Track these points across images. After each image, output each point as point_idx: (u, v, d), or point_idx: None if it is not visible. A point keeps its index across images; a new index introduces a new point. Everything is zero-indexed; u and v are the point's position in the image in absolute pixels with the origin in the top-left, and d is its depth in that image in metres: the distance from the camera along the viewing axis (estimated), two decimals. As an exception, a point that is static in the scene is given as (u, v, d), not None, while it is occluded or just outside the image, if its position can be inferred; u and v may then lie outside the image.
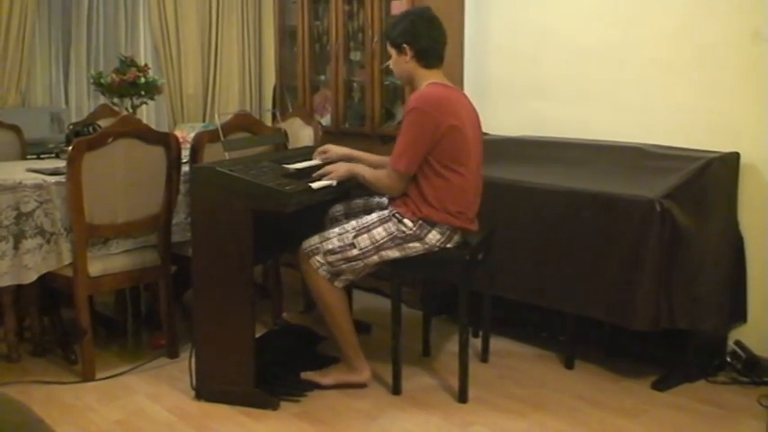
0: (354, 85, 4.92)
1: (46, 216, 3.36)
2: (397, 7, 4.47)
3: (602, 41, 4.06)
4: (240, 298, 3.15)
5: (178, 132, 4.50)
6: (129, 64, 4.56)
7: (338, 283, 3.24)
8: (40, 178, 3.42)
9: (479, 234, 3.35)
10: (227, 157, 3.37)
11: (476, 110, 3.36)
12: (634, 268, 3.26)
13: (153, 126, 4.47)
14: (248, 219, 3.07)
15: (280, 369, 3.43)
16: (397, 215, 3.18)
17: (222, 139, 3.45)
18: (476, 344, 3.77)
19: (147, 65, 4.71)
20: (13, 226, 3.31)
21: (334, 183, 3.26)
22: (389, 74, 4.57)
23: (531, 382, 3.49)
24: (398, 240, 3.18)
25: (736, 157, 3.52)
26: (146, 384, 3.45)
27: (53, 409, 3.18)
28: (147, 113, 5.89)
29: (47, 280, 3.46)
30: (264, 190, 3.01)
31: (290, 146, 4.12)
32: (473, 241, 3.31)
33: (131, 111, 4.53)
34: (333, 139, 4.52)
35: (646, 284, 3.22)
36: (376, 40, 4.52)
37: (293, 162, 3.42)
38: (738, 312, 3.56)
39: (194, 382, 3.29)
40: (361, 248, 3.17)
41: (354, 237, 3.19)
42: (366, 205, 3.54)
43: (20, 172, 3.57)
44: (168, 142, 3.62)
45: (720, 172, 3.46)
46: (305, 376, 3.37)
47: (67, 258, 3.40)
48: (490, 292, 3.67)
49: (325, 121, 4.96)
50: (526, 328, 3.97)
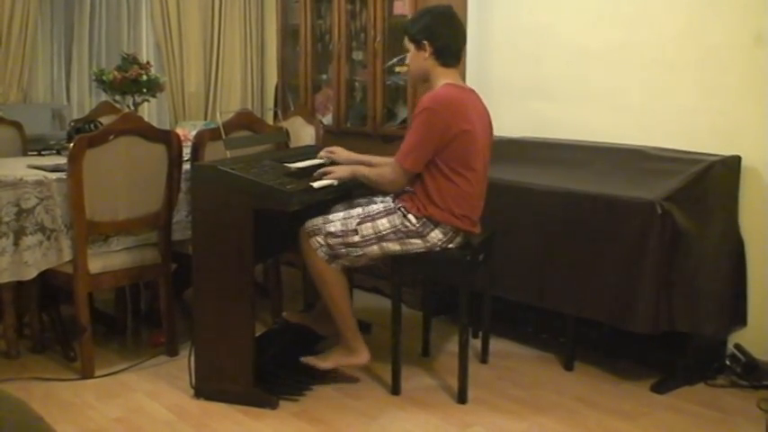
0: (356, 84, 4.91)
1: (46, 213, 3.37)
2: (400, 7, 4.48)
3: (604, 43, 4.05)
4: (240, 297, 3.15)
5: (179, 130, 4.49)
6: (131, 61, 4.57)
7: (335, 266, 3.24)
8: (41, 175, 3.42)
9: (481, 235, 3.35)
10: (228, 155, 3.38)
11: (488, 112, 3.35)
12: (634, 270, 3.26)
13: (154, 124, 4.47)
14: (249, 217, 3.06)
15: (279, 368, 3.42)
16: (403, 209, 3.18)
17: (224, 137, 3.45)
18: (475, 344, 3.77)
19: (149, 62, 4.72)
20: (14, 222, 3.32)
21: (335, 182, 3.26)
22: (392, 73, 4.58)
23: (531, 383, 3.49)
24: (401, 234, 3.18)
25: (737, 160, 3.52)
26: (145, 382, 3.45)
27: (52, 406, 3.18)
28: (149, 111, 5.89)
29: (47, 277, 3.46)
30: (266, 189, 3.01)
31: (292, 145, 4.11)
32: (474, 242, 3.30)
33: (133, 108, 4.53)
34: (334, 138, 4.52)
35: (646, 287, 3.22)
36: (378, 39, 4.51)
37: (295, 161, 3.42)
38: (738, 316, 3.56)
39: (193, 380, 3.29)
40: (363, 236, 3.17)
41: (358, 223, 3.18)
42: (368, 204, 3.52)
43: (21, 168, 3.57)
44: (170, 140, 3.62)
45: (722, 175, 3.46)
46: (304, 360, 3.35)
47: (68, 255, 3.40)
48: (490, 292, 3.67)
49: (327, 120, 4.95)
50: (526, 329, 3.97)
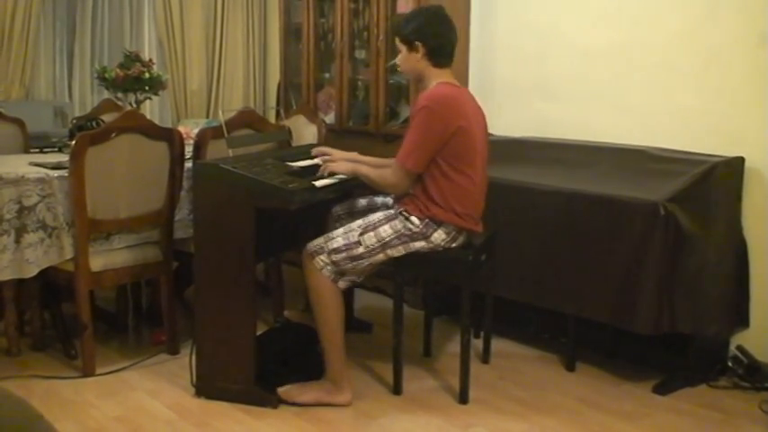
0: (359, 83, 4.91)
1: (48, 210, 3.36)
2: (403, 6, 4.47)
3: (607, 43, 4.05)
4: (241, 295, 3.15)
5: (182, 128, 4.48)
6: (133, 59, 4.57)
7: (341, 284, 3.20)
8: (42, 172, 3.42)
9: (483, 235, 3.34)
10: (230, 153, 3.37)
11: (482, 111, 3.35)
12: (637, 271, 3.25)
13: (156, 122, 4.46)
14: (251, 216, 3.06)
15: (280, 367, 3.41)
16: (404, 213, 3.17)
17: (226, 135, 3.45)
18: (477, 345, 3.77)
19: (151, 60, 4.70)
20: (15, 220, 3.31)
21: (336, 180, 3.25)
22: (394, 72, 4.56)
23: (532, 383, 3.48)
24: (405, 238, 3.16)
25: (740, 161, 3.51)
26: (146, 380, 3.45)
27: (53, 403, 3.18)
28: (151, 109, 5.89)
29: (48, 274, 3.46)
30: (268, 187, 3.00)
31: (294, 143, 4.11)
32: (476, 242, 3.30)
33: (135, 106, 4.53)
34: (336, 137, 4.52)
35: (648, 288, 3.22)
36: (381, 38, 4.51)
37: (297, 160, 3.41)
38: (741, 317, 3.55)
39: (194, 378, 3.28)
40: (367, 246, 3.14)
41: (360, 234, 3.15)
42: (370, 204, 3.53)
43: (23, 166, 3.56)
44: (172, 138, 3.61)
45: (725, 176, 3.45)
46: (282, 394, 3.18)
47: (69, 253, 3.40)
48: (492, 293, 3.66)
49: (329, 119, 4.95)
50: (528, 329, 3.96)
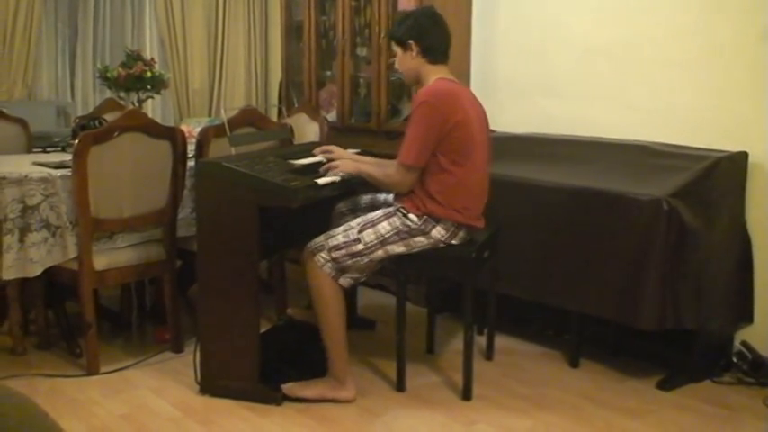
0: (360, 80, 4.90)
1: (51, 210, 3.36)
2: (404, 3, 4.46)
3: (609, 39, 4.04)
4: (245, 293, 3.15)
5: (184, 127, 4.49)
6: (135, 58, 4.57)
7: (342, 281, 3.20)
8: (45, 172, 3.42)
9: (485, 232, 3.34)
10: (232, 152, 3.37)
11: (482, 106, 3.35)
12: (640, 267, 3.24)
13: (159, 120, 4.46)
14: (254, 214, 3.06)
15: (284, 364, 3.41)
16: (402, 210, 3.17)
17: (228, 134, 3.45)
18: (480, 342, 3.76)
19: (153, 59, 4.71)
20: (19, 219, 3.32)
21: (338, 178, 3.24)
22: (396, 70, 4.56)
23: (536, 380, 3.48)
24: (404, 234, 3.16)
25: (744, 156, 3.51)
26: (150, 378, 3.45)
27: (57, 402, 3.18)
28: (153, 108, 5.90)
29: (52, 273, 3.46)
30: (270, 185, 3.00)
31: (296, 141, 4.11)
32: (479, 239, 3.29)
33: (137, 105, 4.53)
34: (338, 134, 4.52)
35: (652, 283, 3.21)
36: (383, 35, 4.50)
37: (299, 158, 3.41)
38: (745, 313, 3.55)
39: (198, 376, 3.29)
40: (366, 243, 3.15)
41: (359, 232, 3.16)
42: (373, 202, 3.53)
43: (26, 165, 3.56)
44: (174, 137, 3.61)
45: (728, 171, 3.45)
46: (286, 390, 3.20)
47: (73, 252, 3.40)
48: (495, 289, 3.66)
49: (331, 116, 4.95)
50: (531, 326, 3.96)
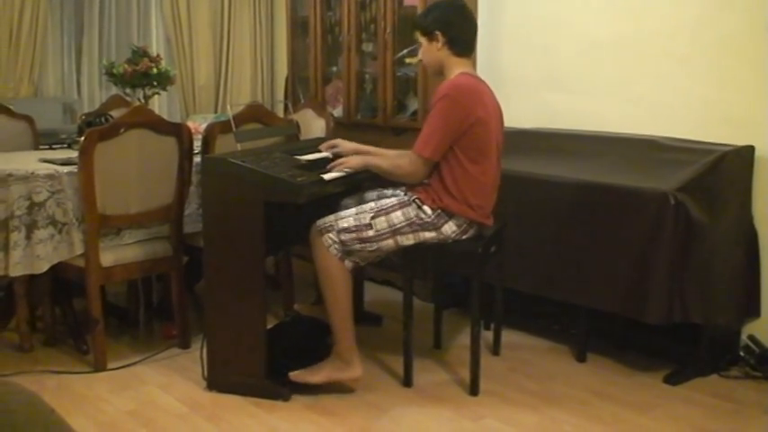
0: (366, 76, 4.89)
1: (58, 206, 3.37)
2: (410, -1, 4.45)
3: (616, 33, 4.03)
4: (252, 289, 3.15)
5: (190, 123, 4.50)
6: (141, 54, 4.56)
7: (348, 263, 3.18)
8: (52, 168, 3.43)
9: (492, 227, 3.33)
10: (238, 148, 3.37)
11: (499, 104, 3.34)
12: (647, 261, 3.24)
13: (165, 117, 4.47)
14: (260, 210, 3.06)
15: (291, 360, 3.41)
16: (417, 201, 3.16)
17: (234, 130, 3.45)
18: (487, 336, 3.76)
19: (159, 55, 4.70)
20: (26, 216, 3.32)
21: (344, 174, 3.23)
22: (402, 65, 4.56)
23: (543, 375, 3.48)
24: (415, 227, 3.15)
25: (750, 150, 3.49)
26: (157, 375, 3.46)
27: (65, 398, 3.19)
28: (159, 104, 5.90)
29: (59, 270, 3.47)
30: (276, 181, 3.00)
31: (302, 137, 4.11)
32: (486, 234, 3.29)
33: (143, 101, 4.53)
34: (345, 130, 4.51)
35: (659, 278, 3.21)
36: (388, 31, 4.49)
37: (305, 153, 3.41)
38: (752, 307, 3.54)
39: (206, 372, 3.30)
40: (378, 230, 3.14)
41: (372, 218, 3.15)
42: (379, 198, 3.51)
43: (32, 162, 3.57)
44: (180, 133, 3.62)
45: (735, 165, 3.44)
46: (293, 377, 3.20)
47: (79, 249, 3.40)
48: (502, 284, 3.66)
49: (337, 112, 4.94)
50: (538, 321, 3.96)
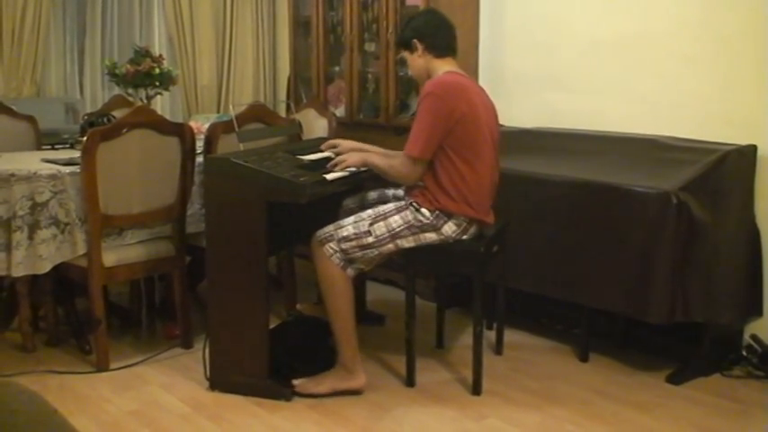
0: (369, 76, 4.90)
1: (60, 206, 3.37)
2: (412, -2, 4.46)
3: (618, 33, 4.02)
4: (254, 289, 3.15)
5: (192, 123, 4.49)
6: (143, 54, 4.57)
7: (350, 271, 3.19)
8: (54, 168, 3.43)
9: (494, 226, 3.33)
10: (241, 147, 3.38)
11: (491, 101, 3.34)
12: (649, 261, 3.23)
13: (167, 117, 4.47)
14: (262, 210, 3.06)
15: (294, 360, 3.42)
16: (415, 204, 3.17)
17: (236, 129, 3.45)
18: (490, 336, 3.76)
19: (161, 55, 4.71)
20: (28, 216, 3.33)
21: (347, 173, 3.24)
22: (404, 65, 4.55)
23: (546, 374, 3.48)
24: (415, 229, 3.16)
25: (753, 149, 3.49)
26: (160, 375, 3.46)
27: (67, 398, 3.20)
28: (162, 104, 5.90)
29: (61, 270, 3.47)
30: (279, 181, 3.00)
31: (305, 137, 4.11)
32: (488, 233, 3.29)
33: (146, 101, 4.53)
34: (347, 130, 4.51)
35: (661, 277, 3.20)
36: (391, 30, 4.49)
37: (307, 153, 3.41)
38: (754, 306, 3.53)
39: (208, 372, 3.30)
40: (377, 236, 3.14)
41: (370, 224, 3.16)
42: (381, 197, 3.52)
43: (35, 162, 3.58)
44: (183, 133, 3.62)
45: (737, 165, 3.43)
46: (298, 387, 3.21)
47: (82, 249, 3.41)
48: (504, 284, 3.65)
49: (340, 112, 4.94)
50: (541, 320, 3.96)
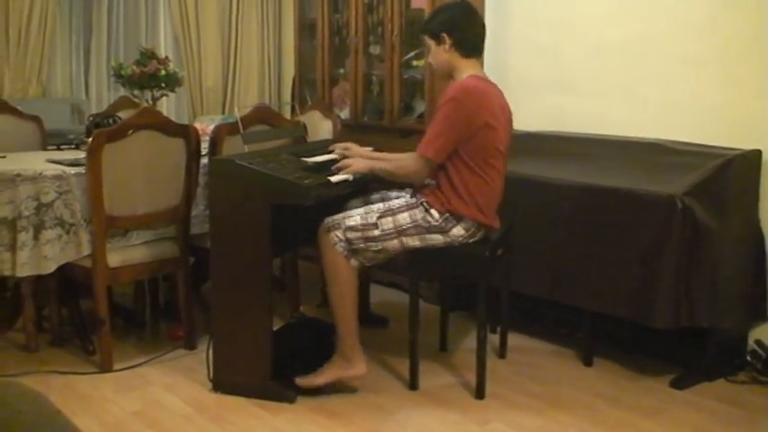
0: (373, 78, 4.90)
1: (65, 207, 3.38)
2: (417, 1, 4.45)
3: (623, 36, 4.02)
4: (258, 290, 3.15)
5: (198, 124, 4.49)
6: (149, 56, 4.57)
7: (354, 262, 3.17)
8: (60, 169, 3.43)
9: (499, 230, 3.33)
10: (246, 149, 3.37)
11: (509, 107, 3.32)
12: (654, 265, 3.23)
13: (173, 118, 4.47)
14: (267, 212, 3.06)
15: (297, 362, 3.41)
16: (425, 204, 3.16)
17: (241, 131, 3.45)
18: (494, 340, 3.75)
19: (167, 57, 4.71)
20: (33, 216, 3.33)
21: (351, 176, 3.24)
22: (409, 67, 4.56)
23: (549, 379, 3.47)
24: (421, 229, 3.15)
25: (758, 154, 3.48)
26: (163, 376, 3.46)
27: (71, 399, 3.20)
28: (167, 105, 5.90)
29: (66, 270, 3.47)
30: (283, 183, 3.00)
31: (309, 139, 4.11)
32: (492, 237, 3.28)
33: (151, 103, 4.54)
34: (351, 132, 4.51)
35: (666, 282, 3.19)
36: (396, 33, 4.49)
37: (312, 155, 3.41)
38: (759, 311, 3.52)
39: (211, 373, 3.30)
40: (383, 230, 3.14)
41: (378, 218, 3.15)
42: (384, 199, 3.51)
43: (40, 163, 3.58)
44: (188, 134, 3.62)
45: (742, 169, 3.42)
46: (300, 383, 3.21)
47: (87, 249, 3.41)
48: (508, 287, 3.65)
49: (344, 114, 4.94)
50: (544, 324, 3.95)
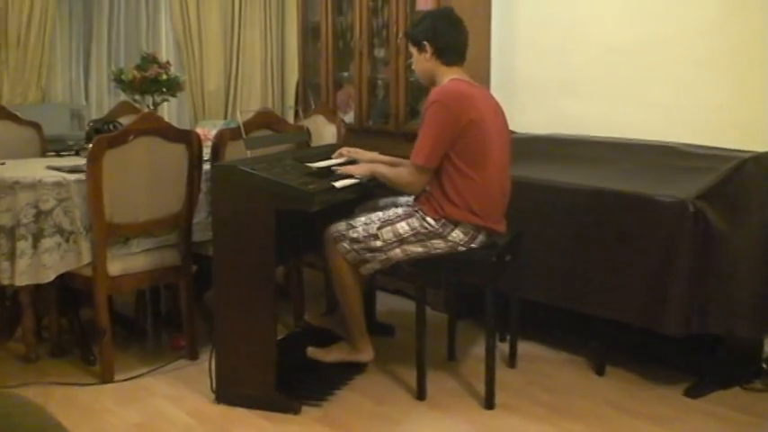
0: (378, 82, 4.87)
1: (65, 214, 3.34)
2: (423, 3, 4.42)
3: (631, 38, 3.98)
4: (262, 299, 3.10)
5: (200, 130, 4.45)
6: (150, 60, 4.55)
7: (363, 271, 3.27)
8: (59, 176, 3.39)
9: (507, 235, 3.29)
10: (249, 155, 3.34)
11: (501, 108, 3.31)
12: (666, 271, 3.18)
13: (174, 123, 4.44)
14: (270, 218, 3.02)
15: (301, 372, 3.38)
16: (421, 212, 3.17)
17: (244, 136, 3.42)
18: (503, 348, 3.70)
19: (168, 62, 4.69)
20: (32, 224, 3.29)
21: (356, 181, 3.23)
22: (413, 70, 4.52)
23: (561, 388, 3.42)
24: (421, 236, 3.16)
25: (771, 157, 3.43)
26: (165, 386, 3.41)
27: (71, 410, 3.15)
28: (169, 111, 5.88)
29: (66, 279, 3.44)
30: (287, 189, 2.97)
31: (313, 144, 4.07)
32: (500, 242, 3.24)
33: (152, 108, 4.51)
34: (356, 136, 4.48)
35: (678, 288, 3.15)
36: (400, 36, 4.46)
37: (316, 160, 3.38)
38: (774, 317, 3.47)
39: (214, 384, 3.25)
40: (385, 240, 3.18)
41: (378, 228, 3.19)
42: (395, 204, 3.48)
43: (39, 169, 3.54)
44: (190, 140, 3.58)
45: (755, 172, 3.36)
46: (310, 353, 3.46)
47: (87, 258, 3.37)
48: (517, 294, 3.60)
49: (349, 118, 4.91)
50: (555, 332, 3.90)
